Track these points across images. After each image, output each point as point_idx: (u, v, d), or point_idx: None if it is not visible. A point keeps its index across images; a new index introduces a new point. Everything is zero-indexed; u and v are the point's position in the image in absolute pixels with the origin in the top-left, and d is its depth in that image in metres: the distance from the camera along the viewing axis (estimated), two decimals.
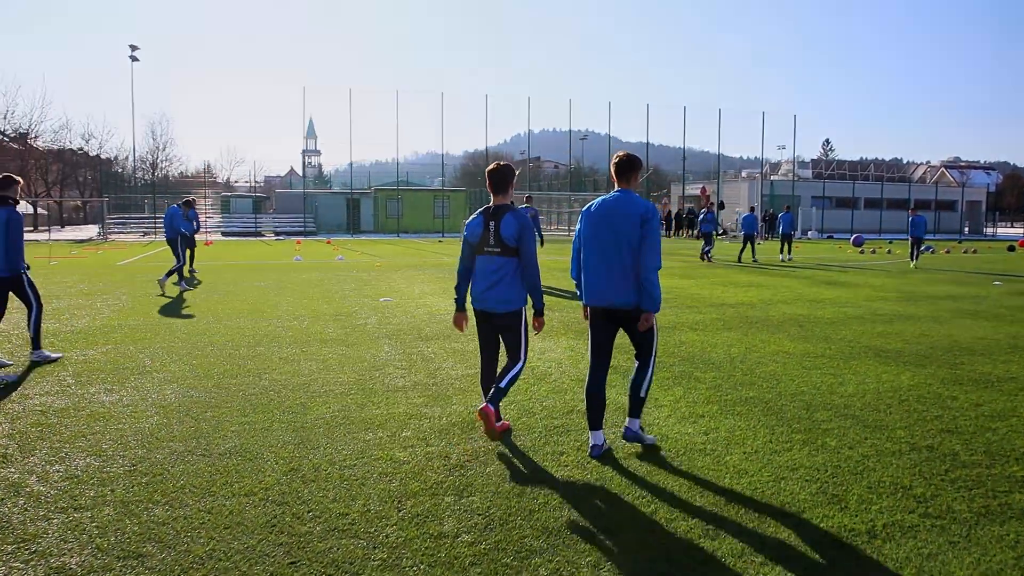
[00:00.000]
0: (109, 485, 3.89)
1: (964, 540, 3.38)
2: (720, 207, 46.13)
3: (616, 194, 4.43)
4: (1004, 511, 3.70)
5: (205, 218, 37.71)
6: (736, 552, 3.24)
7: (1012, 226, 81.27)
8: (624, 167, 4.45)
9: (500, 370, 4.74)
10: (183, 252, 14.29)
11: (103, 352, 7.42)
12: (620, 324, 4.47)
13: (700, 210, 32.68)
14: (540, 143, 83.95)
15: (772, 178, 56.94)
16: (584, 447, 4.56)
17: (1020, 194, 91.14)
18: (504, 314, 4.65)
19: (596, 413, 4.48)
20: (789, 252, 23.44)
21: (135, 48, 43.71)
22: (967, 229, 59.15)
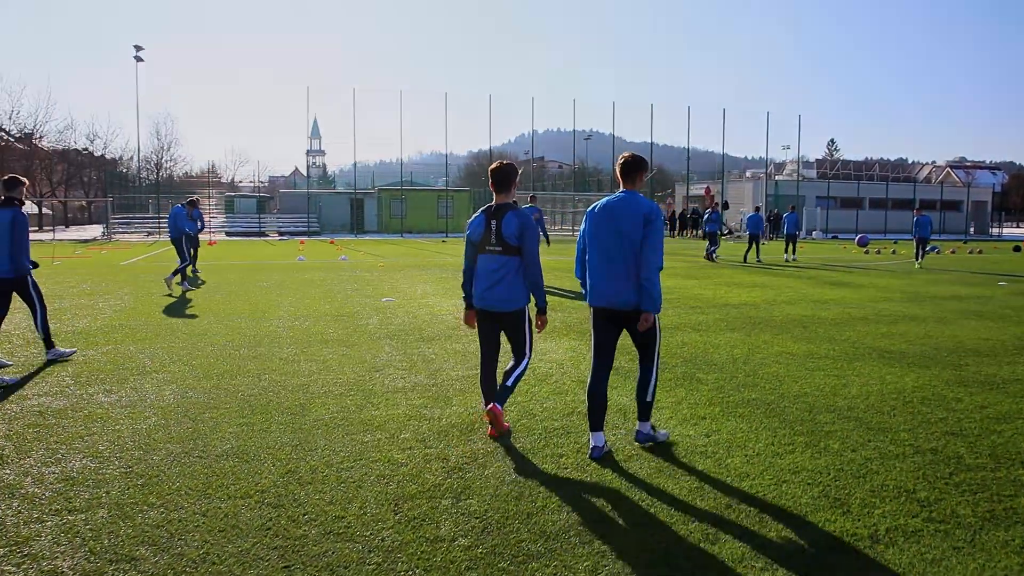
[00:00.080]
0: (104, 487, 3.87)
1: (968, 545, 3.33)
2: (724, 207, 46.00)
3: (621, 195, 4.42)
4: (1009, 515, 3.65)
5: (209, 218, 37.72)
6: (737, 556, 3.20)
7: (1018, 226, 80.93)
8: (629, 168, 4.45)
9: (506, 369, 4.74)
10: (188, 251, 14.31)
11: (103, 352, 7.41)
12: (623, 325, 4.45)
13: (705, 210, 32.61)
14: (544, 143, 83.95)
15: (777, 178, 56.77)
16: (584, 449, 4.52)
17: None
18: (506, 313, 4.64)
19: (597, 414, 4.45)
20: (794, 252, 23.36)
21: (140, 48, 43.82)
22: (972, 229, 58.87)
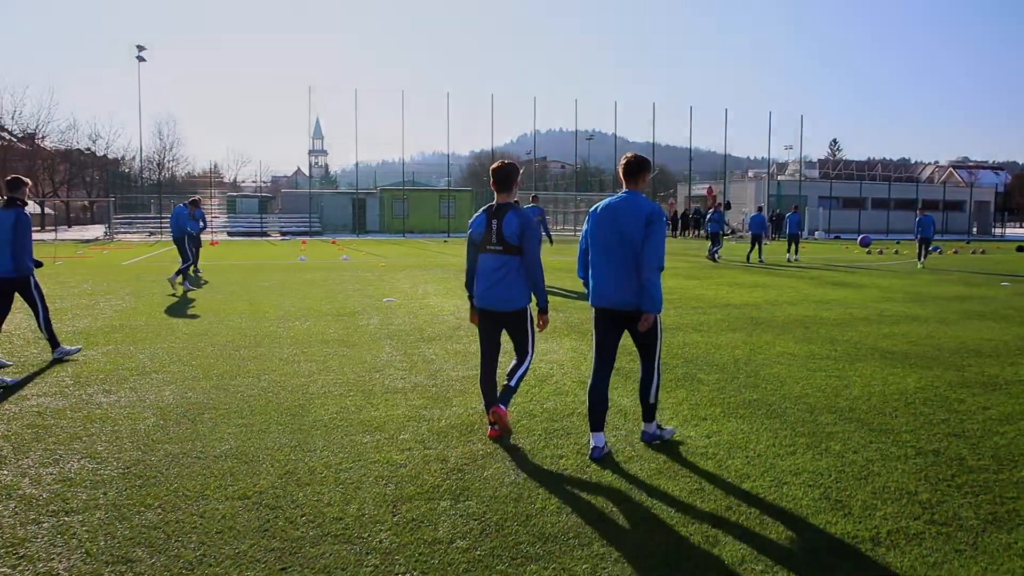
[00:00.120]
0: (102, 488, 3.85)
1: (971, 548, 3.30)
2: (727, 207, 45.93)
3: (623, 195, 4.41)
4: (1012, 518, 3.62)
5: (211, 218, 37.74)
6: (737, 558, 3.17)
7: (1021, 226, 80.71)
8: (632, 168, 4.44)
9: (508, 369, 4.74)
10: (190, 251, 14.33)
11: (103, 352, 7.40)
12: (624, 325, 4.44)
13: (707, 210, 32.56)
14: (546, 143, 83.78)
15: (779, 178, 56.60)
16: (584, 450, 4.49)
17: None
18: (507, 312, 4.62)
19: (598, 414, 4.43)
20: (796, 252, 23.31)
21: (142, 48, 43.84)
22: (975, 229, 58.73)
